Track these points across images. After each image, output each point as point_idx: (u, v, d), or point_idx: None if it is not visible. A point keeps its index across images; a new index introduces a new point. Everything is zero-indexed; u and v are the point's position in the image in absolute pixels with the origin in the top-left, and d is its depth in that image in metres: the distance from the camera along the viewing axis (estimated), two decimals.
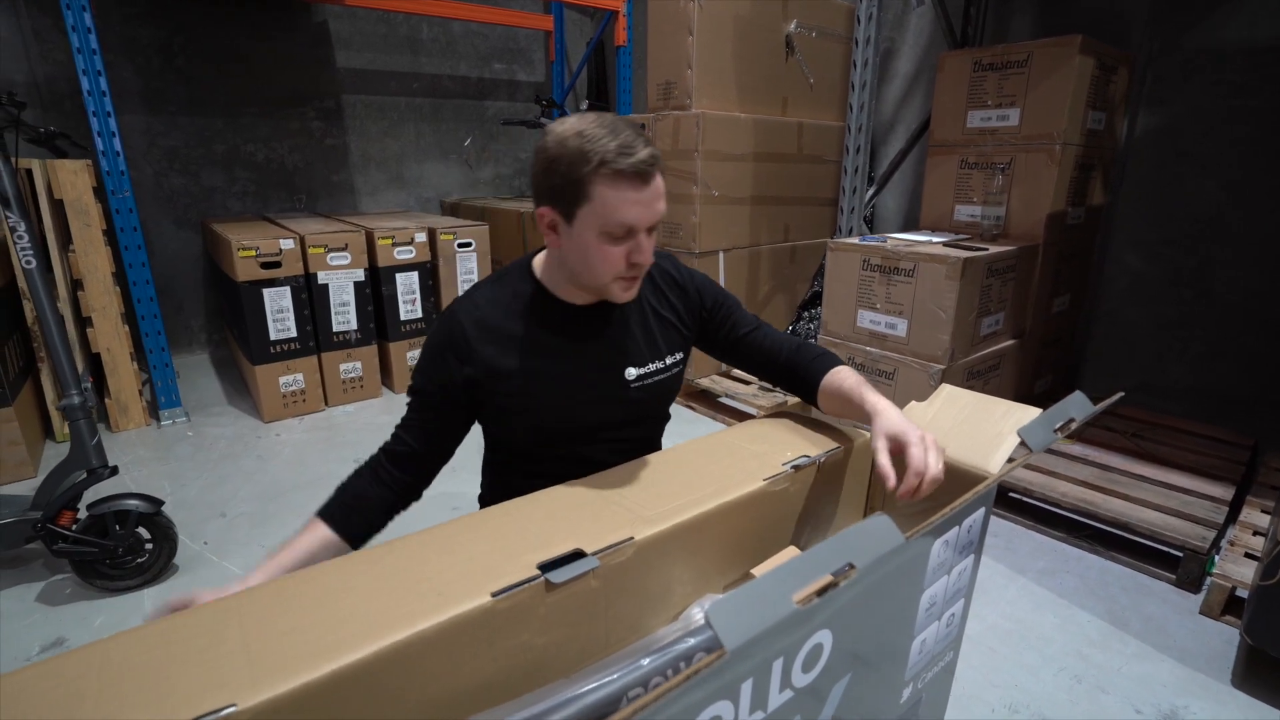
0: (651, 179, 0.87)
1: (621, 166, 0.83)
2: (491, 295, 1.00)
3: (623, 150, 0.84)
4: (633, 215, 0.87)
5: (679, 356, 1.10)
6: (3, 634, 1.51)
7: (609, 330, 1.03)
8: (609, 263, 0.90)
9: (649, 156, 0.85)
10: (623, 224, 0.87)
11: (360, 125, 3.92)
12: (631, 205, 0.86)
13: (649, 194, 0.87)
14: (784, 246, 3.10)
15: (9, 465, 2.17)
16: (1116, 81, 2.35)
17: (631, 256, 0.90)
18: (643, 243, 0.90)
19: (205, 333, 3.66)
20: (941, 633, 0.93)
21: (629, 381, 1.04)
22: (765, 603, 0.38)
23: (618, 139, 0.84)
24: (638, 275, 0.94)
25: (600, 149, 0.83)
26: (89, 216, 2.37)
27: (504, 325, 0.98)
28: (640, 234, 0.89)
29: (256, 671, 0.56)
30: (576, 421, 1.03)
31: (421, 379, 1.00)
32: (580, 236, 0.89)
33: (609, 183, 0.84)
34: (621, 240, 0.89)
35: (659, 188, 0.89)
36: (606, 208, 0.86)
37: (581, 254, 0.91)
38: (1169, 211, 2.48)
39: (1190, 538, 1.69)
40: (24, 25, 2.96)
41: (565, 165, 0.85)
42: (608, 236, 0.88)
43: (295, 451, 2.43)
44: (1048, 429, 0.67)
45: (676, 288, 1.11)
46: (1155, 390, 2.59)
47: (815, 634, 0.64)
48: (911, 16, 3.05)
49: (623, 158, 0.83)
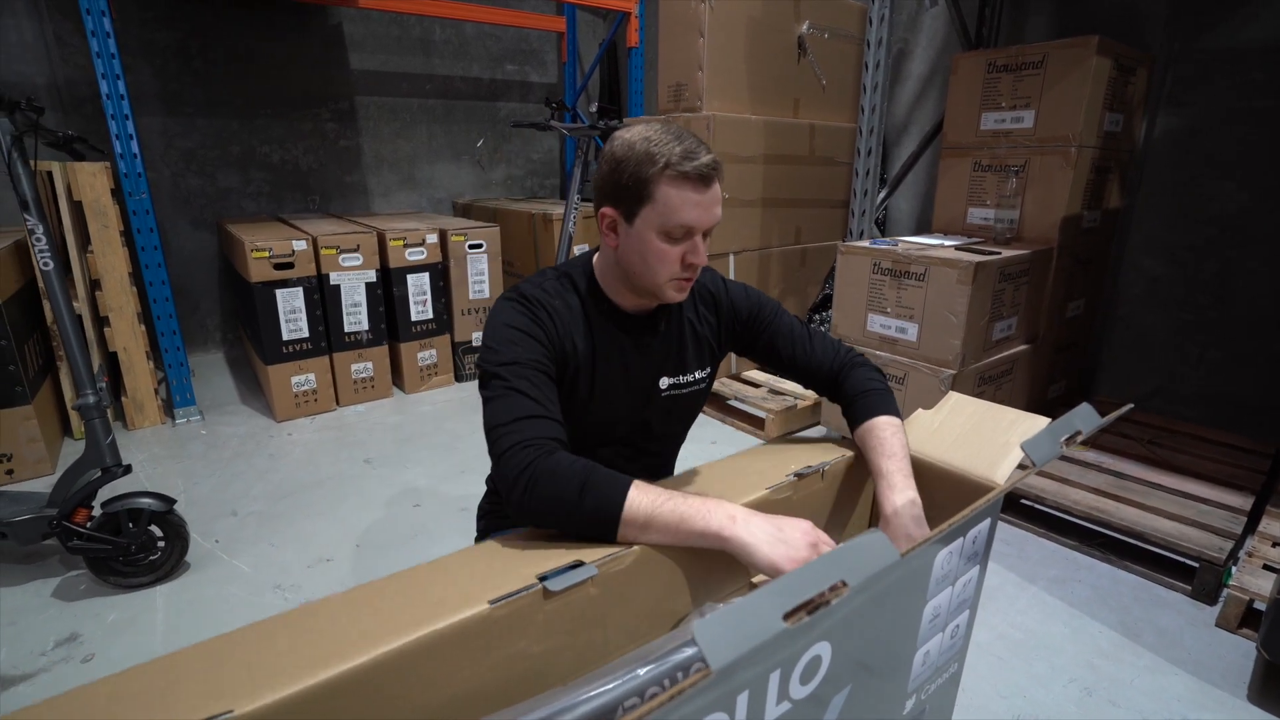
0: (711, 183, 0.91)
1: (686, 169, 0.88)
2: (556, 288, 1.02)
3: (687, 154, 0.88)
4: (692, 216, 0.90)
5: (707, 371, 1.13)
6: (19, 628, 1.54)
7: (654, 339, 1.06)
8: (666, 263, 0.93)
9: (711, 161, 0.90)
10: (683, 224, 0.90)
11: (373, 126, 3.95)
12: (692, 207, 0.90)
13: (709, 197, 0.91)
14: (795, 249, 3.08)
15: (28, 462, 2.21)
16: (1135, 82, 2.31)
17: (687, 257, 0.93)
18: (698, 245, 0.93)
19: (221, 332, 3.70)
20: (946, 644, 0.93)
21: (661, 390, 1.08)
22: (753, 621, 0.37)
23: (682, 144, 0.89)
24: (692, 277, 0.97)
25: (667, 152, 0.88)
26: (107, 218, 2.41)
27: (569, 316, 1.00)
28: (697, 235, 0.93)
29: (256, 681, 0.57)
30: (611, 424, 1.06)
31: (521, 350, 0.91)
32: (640, 236, 0.93)
33: (672, 184, 0.89)
34: (679, 241, 0.92)
35: (717, 193, 0.92)
36: (669, 208, 0.90)
37: (640, 254, 0.94)
38: (1188, 215, 2.44)
39: (1206, 548, 1.66)
40: (46, 30, 3.01)
41: (633, 166, 0.90)
42: (667, 236, 0.92)
43: (306, 451, 2.45)
44: (1053, 442, 0.66)
45: (712, 303, 1.13)
46: (1172, 396, 2.54)
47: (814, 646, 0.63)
48: (925, 17, 3.03)
49: (687, 161, 0.88)
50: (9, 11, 2.92)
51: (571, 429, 0.97)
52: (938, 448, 1.03)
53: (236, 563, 1.78)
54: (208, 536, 1.89)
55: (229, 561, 1.78)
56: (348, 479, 2.25)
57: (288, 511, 2.03)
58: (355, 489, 2.18)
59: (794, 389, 2.75)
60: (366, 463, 2.36)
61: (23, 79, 2.98)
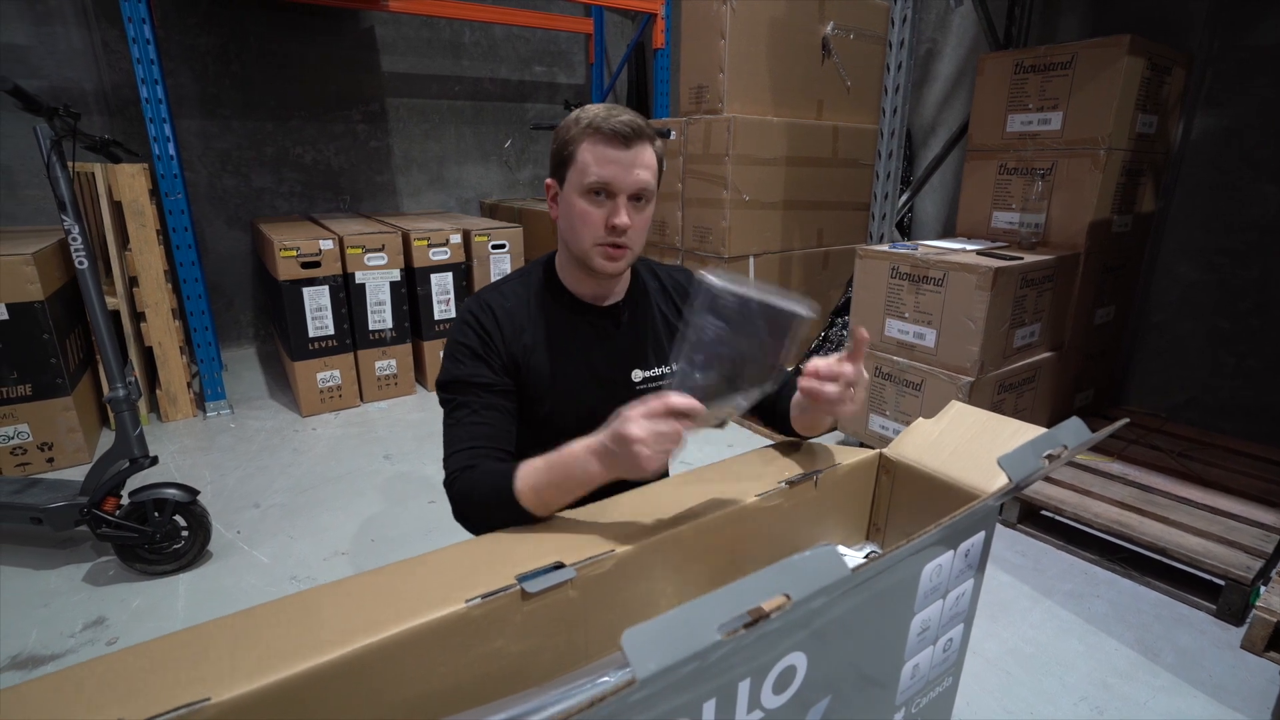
0: (632, 143, 0.92)
1: (600, 126, 0.91)
2: (515, 288, 1.05)
3: (608, 114, 0.91)
4: (608, 173, 0.92)
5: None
6: (51, 610, 1.61)
7: (619, 331, 1.07)
8: (588, 224, 0.94)
9: (630, 120, 0.92)
10: (599, 179, 0.92)
11: (403, 127, 4.03)
12: (608, 164, 0.92)
13: (627, 156, 0.92)
14: (817, 251, 3.05)
15: (67, 451, 2.31)
16: (1171, 83, 2.24)
17: (609, 219, 0.94)
18: (621, 206, 0.93)
19: (253, 328, 3.82)
20: (938, 658, 0.91)
21: (635, 383, 1.08)
22: (685, 631, 0.38)
23: (609, 110, 0.92)
24: (618, 245, 0.96)
25: (590, 115, 0.92)
26: (144, 217, 2.50)
27: (527, 315, 1.02)
28: (620, 197, 0.93)
29: (236, 670, 0.59)
30: (583, 418, 1.05)
31: (468, 368, 0.97)
32: (567, 199, 0.96)
33: (591, 141, 0.92)
34: (600, 202, 0.94)
35: (642, 157, 0.93)
36: (586, 165, 0.92)
37: (568, 218, 0.97)
38: (1226, 219, 2.34)
39: (1234, 566, 1.60)
40: (94, 38, 3.14)
41: (563, 134, 0.95)
42: (589, 196, 0.94)
43: (329, 446, 2.51)
44: (1033, 457, 0.65)
45: (687, 297, 1.13)
46: (1207, 408, 2.45)
47: (787, 656, 0.63)
48: (954, 17, 2.97)
49: (606, 120, 0.91)
50: (60, 20, 3.06)
51: (542, 421, 1.01)
52: (936, 458, 1.02)
53: (256, 554, 1.84)
54: (230, 527, 1.95)
55: (249, 552, 1.84)
56: (367, 474, 2.30)
57: (308, 505, 2.09)
58: (373, 484, 2.23)
59: None
60: (386, 458, 2.42)
61: (72, 84, 3.12)
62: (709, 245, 2.78)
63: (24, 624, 1.57)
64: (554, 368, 1.01)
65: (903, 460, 1.03)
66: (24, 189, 3.09)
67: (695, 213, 2.81)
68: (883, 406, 2.23)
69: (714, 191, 2.69)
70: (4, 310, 2.13)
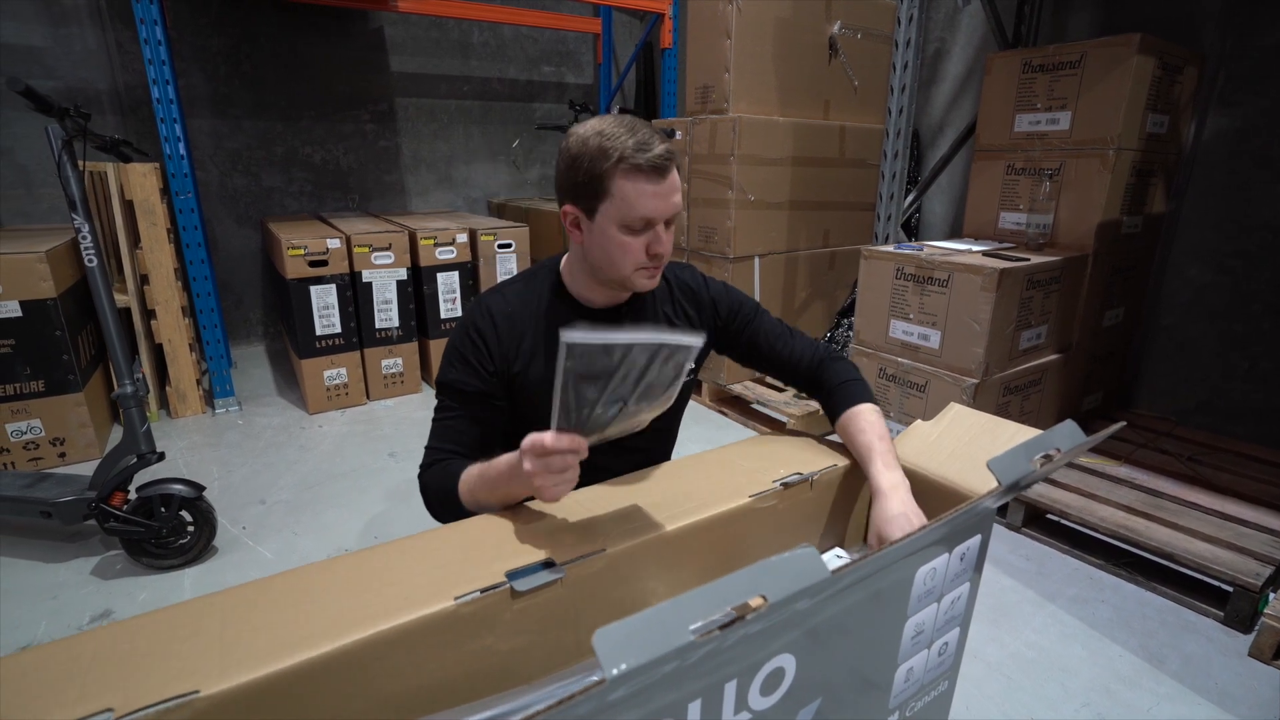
0: (667, 173, 0.92)
1: (639, 161, 0.89)
2: (520, 291, 1.05)
3: (640, 147, 0.89)
4: (650, 208, 0.92)
5: (688, 366, 1.11)
6: (60, 602, 1.63)
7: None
8: (630, 255, 0.95)
9: (664, 152, 0.91)
10: (642, 217, 0.92)
11: (412, 127, 4.05)
12: (649, 199, 0.91)
13: (665, 187, 0.92)
14: (823, 252, 3.04)
15: (79, 446, 2.34)
16: (1183, 82, 2.21)
17: (651, 248, 0.95)
18: (661, 234, 0.95)
19: (263, 326, 3.85)
20: (933, 662, 0.91)
21: None
22: (658, 631, 0.38)
23: (635, 136, 0.90)
24: (659, 265, 0.98)
25: (619, 146, 0.89)
26: (155, 216, 2.53)
27: (529, 319, 1.03)
28: (658, 225, 0.94)
29: (225, 661, 0.60)
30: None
31: (456, 373, 1.02)
32: (602, 231, 0.95)
33: (628, 177, 0.90)
34: (640, 233, 0.94)
35: (675, 182, 0.94)
36: (626, 202, 0.91)
37: (604, 248, 0.96)
38: (1239, 221, 2.31)
39: (1242, 573, 1.58)
40: (109, 38, 3.18)
41: (587, 163, 0.91)
42: (628, 229, 0.93)
43: (335, 443, 2.53)
44: (1023, 460, 0.64)
45: (693, 298, 1.14)
46: (1218, 411, 2.42)
47: (775, 658, 0.63)
48: (963, 16, 2.94)
49: (640, 153, 0.89)
50: (75, 21, 3.10)
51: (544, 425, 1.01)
52: (933, 460, 1.01)
53: (260, 549, 1.85)
54: (236, 523, 1.97)
55: (253, 548, 1.86)
56: (371, 472, 2.31)
57: (312, 501, 2.11)
58: (377, 481, 2.24)
59: None
60: (390, 456, 2.43)
61: (87, 84, 3.16)
62: (714, 245, 2.78)
63: (33, 615, 1.59)
64: (554, 372, 1.02)
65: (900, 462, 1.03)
66: (40, 188, 3.13)
67: (700, 213, 2.81)
68: (887, 408, 2.22)
69: (719, 192, 2.69)
70: (17, 307, 2.16)
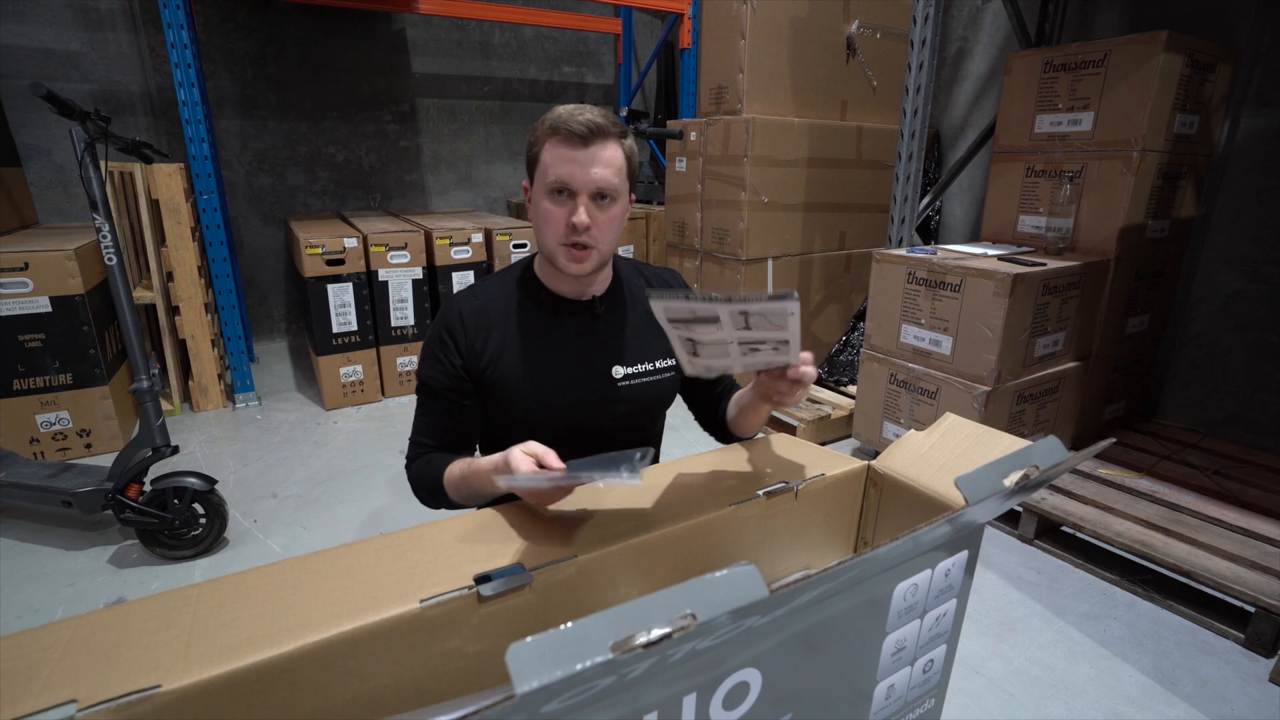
0: (591, 141, 0.92)
1: (559, 126, 0.91)
2: (492, 285, 1.06)
3: (571, 114, 0.92)
4: (564, 172, 0.93)
5: (670, 362, 1.11)
6: (77, 589, 1.69)
7: (596, 327, 1.06)
8: (551, 223, 0.96)
9: (590, 119, 0.92)
10: (557, 179, 0.93)
11: (433, 127, 4.10)
12: (566, 163, 0.92)
13: (585, 155, 0.92)
14: (839, 254, 3.00)
15: (104, 438, 2.42)
16: (1214, 81, 2.13)
17: (569, 218, 0.94)
18: (579, 206, 0.94)
19: (285, 322, 3.94)
20: (917, 679, 0.89)
21: (616, 380, 1.07)
22: (575, 647, 0.37)
23: (572, 109, 0.93)
24: (582, 244, 0.96)
25: (553, 117, 0.93)
26: (180, 215, 2.60)
27: (498, 314, 1.03)
28: (580, 196, 0.94)
29: (190, 656, 0.61)
30: (563, 417, 1.06)
31: (427, 369, 1.05)
32: (535, 201, 0.98)
33: (553, 142, 0.93)
34: (562, 202, 0.95)
35: (602, 156, 0.93)
36: (546, 166, 0.94)
37: (536, 218, 0.99)
38: (1275, 226, 2.22)
39: (1264, 593, 1.52)
40: (141, 42, 3.28)
41: (532, 137, 0.97)
42: (550, 195, 0.95)
43: (349, 439, 2.58)
44: (994, 479, 0.62)
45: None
46: (1249, 424, 2.33)
47: (738, 672, 0.62)
48: (986, 15, 2.88)
49: (565, 121, 0.91)
50: (110, 27, 3.20)
51: (520, 419, 1.03)
52: (924, 472, 0.99)
53: (270, 542, 1.89)
54: (248, 516, 2.01)
55: (263, 541, 1.90)
56: (382, 468, 2.35)
57: (323, 497, 2.15)
58: (387, 478, 2.28)
59: (830, 398, 2.68)
60: (401, 453, 2.46)
61: (120, 87, 3.26)
62: (727, 247, 2.76)
63: (52, 600, 1.65)
64: (527, 366, 1.02)
65: (890, 473, 1.00)
66: (75, 186, 3.24)
67: (714, 214, 2.79)
68: (897, 414, 2.18)
69: (732, 193, 2.67)
70: (47, 303, 2.24)
